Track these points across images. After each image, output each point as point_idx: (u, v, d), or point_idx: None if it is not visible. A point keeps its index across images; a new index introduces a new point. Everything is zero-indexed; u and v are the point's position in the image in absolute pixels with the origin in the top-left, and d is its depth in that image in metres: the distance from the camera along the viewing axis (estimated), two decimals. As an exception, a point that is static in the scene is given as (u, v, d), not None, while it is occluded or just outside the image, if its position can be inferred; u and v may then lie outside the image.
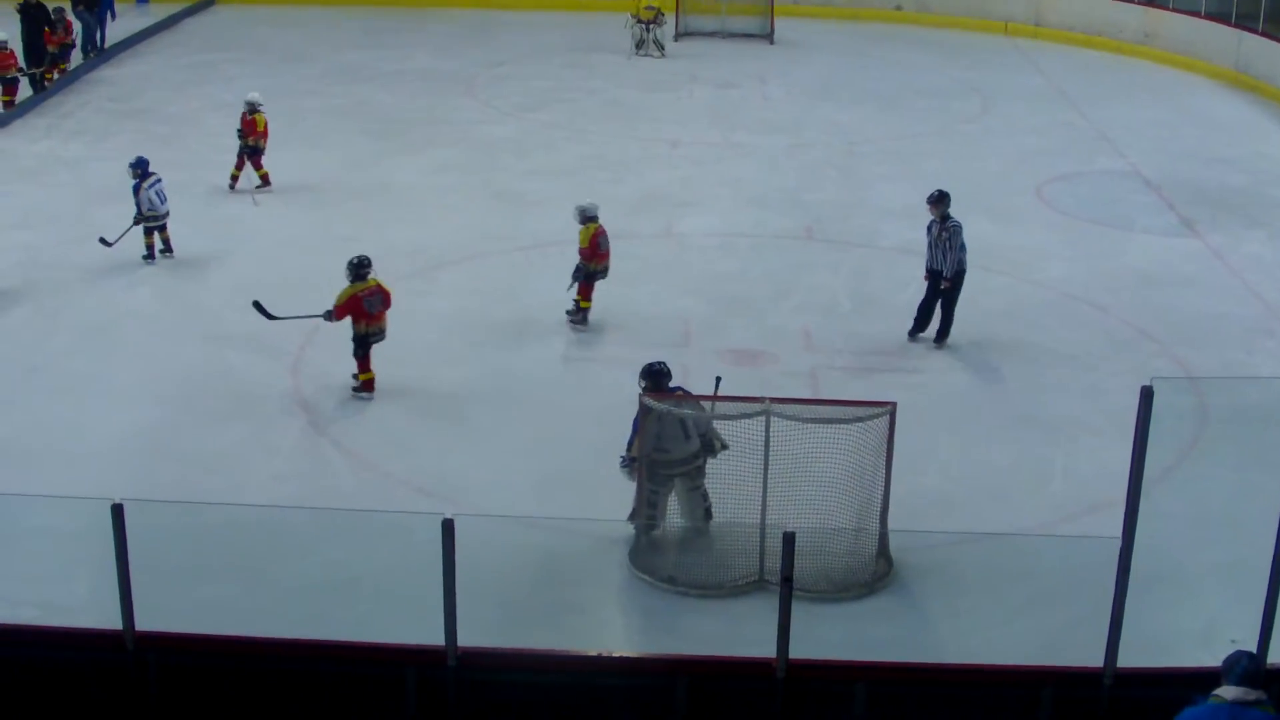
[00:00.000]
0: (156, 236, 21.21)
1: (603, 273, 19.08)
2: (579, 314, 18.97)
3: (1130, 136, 29.55)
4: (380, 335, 17.13)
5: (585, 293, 19.00)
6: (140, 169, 21.07)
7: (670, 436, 13.37)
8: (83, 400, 16.81)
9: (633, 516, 13.62)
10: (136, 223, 21.02)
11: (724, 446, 13.29)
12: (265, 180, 24.72)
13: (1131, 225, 23.91)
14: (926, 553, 13.54)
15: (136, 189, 21.02)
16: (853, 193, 25.40)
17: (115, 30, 35.75)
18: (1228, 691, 9.00)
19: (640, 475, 13.42)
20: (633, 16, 36.82)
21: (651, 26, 36.64)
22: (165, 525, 12.55)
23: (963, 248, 18.44)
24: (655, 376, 13.71)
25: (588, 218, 19.01)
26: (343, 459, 15.58)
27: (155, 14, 39.62)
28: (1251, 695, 8.94)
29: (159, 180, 21.24)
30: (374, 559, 12.92)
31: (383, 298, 17.22)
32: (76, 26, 33.32)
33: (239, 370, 17.64)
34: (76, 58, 33.21)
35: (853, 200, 24.93)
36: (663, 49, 36.57)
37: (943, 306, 18.63)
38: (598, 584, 13.39)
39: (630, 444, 13.58)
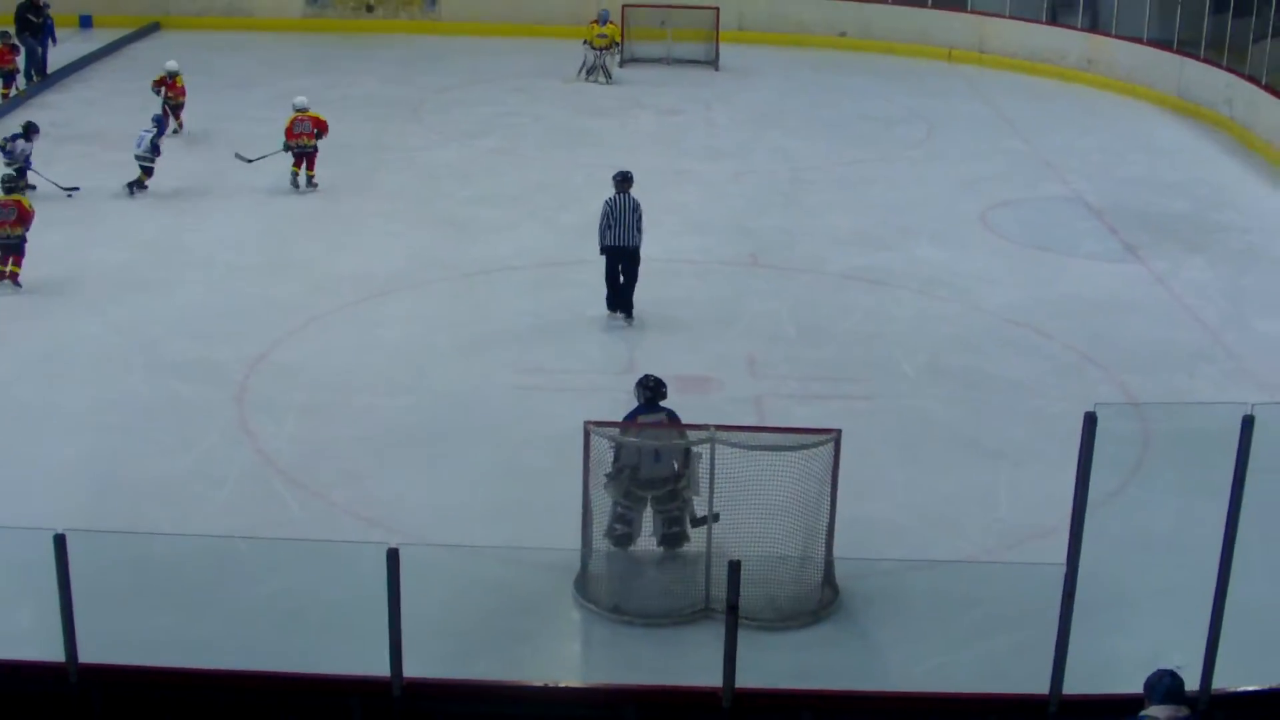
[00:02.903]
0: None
1: None
2: None
3: (1073, 162, 29.74)
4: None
5: None
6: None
7: (642, 457, 13.43)
8: (26, 429, 16.69)
9: (607, 532, 13.57)
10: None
11: (696, 494, 13.30)
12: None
13: (1075, 251, 24.05)
14: (872, 580, 13.57)
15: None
16: (797, 219, 25.47)
17: (58, 55, 35.53)
18: (1159, 711, 9.13)
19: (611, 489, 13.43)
20: (586, 43, 36.93)
21: (602, 54, 36.74)
22: (110, 555, 12.50)
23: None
24: (650, 390, 13.89)
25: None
26: (289, 488, 15.49)
27: (99, 39, 39.45)
28: (1181, 713, 9.08)
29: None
30: (320, 589, 12.88)
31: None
32: (20, 51, 33.14)
33: (184, 399, 17.55)
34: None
35: (797, 227, 24.99)
36: (610, 77, 36.64)
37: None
38: (544, 613, 13.35)
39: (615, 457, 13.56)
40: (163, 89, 30.25)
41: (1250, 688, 11.17)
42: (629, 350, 18.97)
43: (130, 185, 25.64)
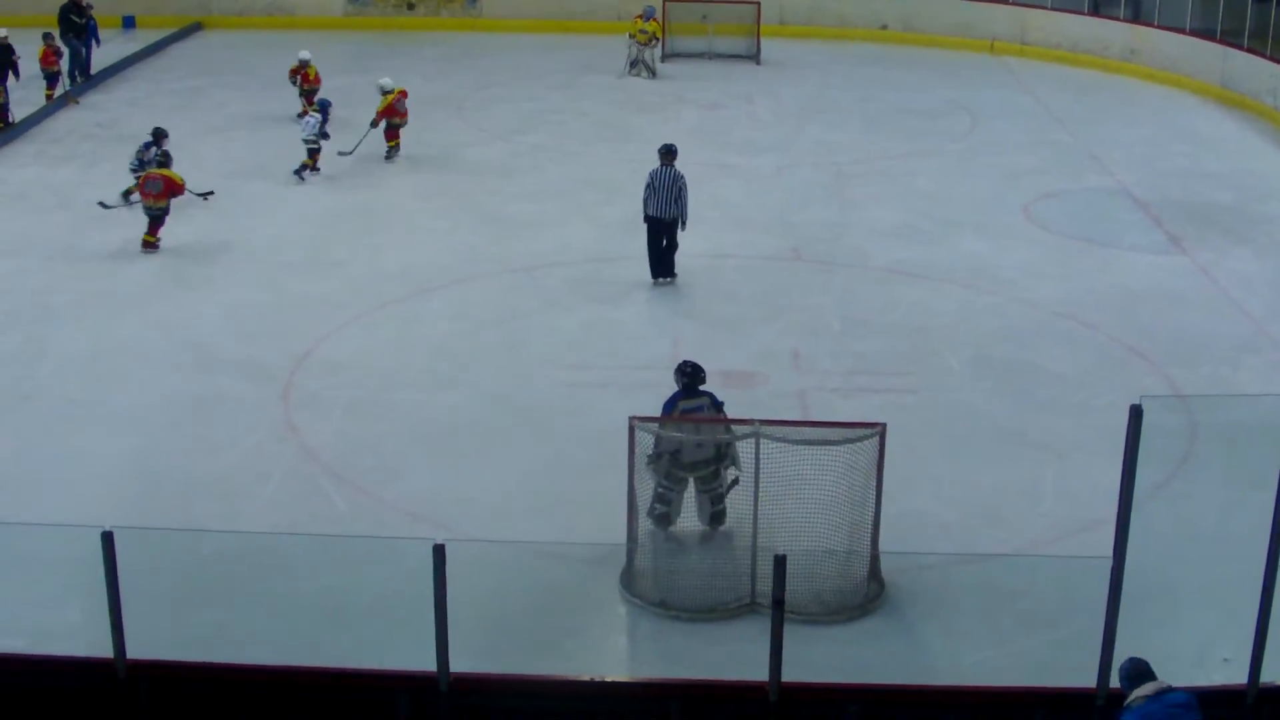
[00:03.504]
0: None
1: None
2: None
3: (1117, 154, 29.61)
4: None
5: None
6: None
7: (683, 442, 13.57)
8: (74, 428, 16.78)
9: (649, 511, 13.66)
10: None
11: (738, 470, 13.45)
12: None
13: (1119, 243, 23.95)
14: (918, 574, 13.55)
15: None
16: (841, 213, 25.43)
17: (101, 56, 35.72)
18: (1147, 688, 9.22)
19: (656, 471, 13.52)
20: (630, 37, 37.07)
21: (645, 49, 36.81)
22: (157, 552, 12.53)
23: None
24: (688, 376, 14.09)
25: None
26: (334, 484, 15.55)
27: (141, 39, 39.66)
28: (1164, 684, 9.21)
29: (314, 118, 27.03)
30: (366, 585, 12.93)
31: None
32: (64, 52, 33.32)
33: (230, 396, 17.63)
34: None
35: (841, 220, 24.96)
36: (654, 72, 36.69)
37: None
38: (590, 608, 13.37)
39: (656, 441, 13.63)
40: (298, 78, 31.32)
41: (1299, 681, 11.12)
42: (673, 345, 18.95)
43: (298, 170, 26.83)
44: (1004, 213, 25.46)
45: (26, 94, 31.65)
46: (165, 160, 23.30)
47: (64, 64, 33.23)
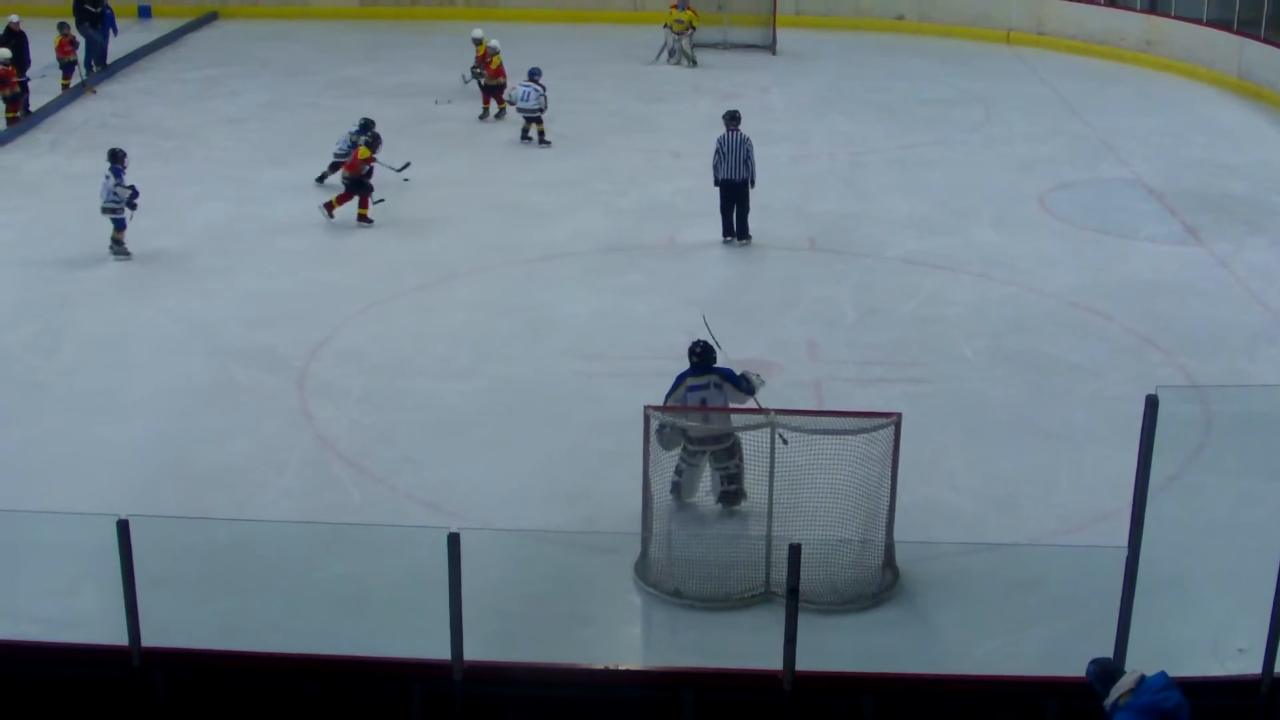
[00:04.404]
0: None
1: None
2: None
3: (1133, 144, 29.56)
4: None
5: None
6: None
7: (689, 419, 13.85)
8: (89, 416, 16.83)
9: (671, 489, 13.87)
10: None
11: (760, 382, 14.25)
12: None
13: (1135, 233, 23.91)
14: (932, 563, 13.55)
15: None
16: (856, 203, 25.41)
17: (118, 45, 35.75)
18: (1126, 681, 9.23)
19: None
20: (666, 26, 37.23)
21: (682, 37, 36.95)
22: (172, 541, 12.60)
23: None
24: (698, 356, 14.46)
25: None
26: (349, 473, 15.58)
27: (158, 29, 39.70)
28: (1136, 674, 9.20)
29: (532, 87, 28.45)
30: (381, 573, 12.96)
31: None
32: (80, 42, 33.35)
33: (245, 385, 17.66)
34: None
35: (856, 210, 24.94)
36: (694, 60, 36.81)
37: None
38: (604, 597, 13.40)
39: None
40: (481, 74, 31.51)
41: (1314, 671, 11.10)
42: (688, 335, 18.88)
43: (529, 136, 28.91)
44: (1019, 203, 25.43)
45: (43, 83, 31.68)
46: (373, 142, 24.33)
47: (80, 54, 33.23)
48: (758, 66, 37.21)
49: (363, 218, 23.64)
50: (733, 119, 22.78)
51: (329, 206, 23.66)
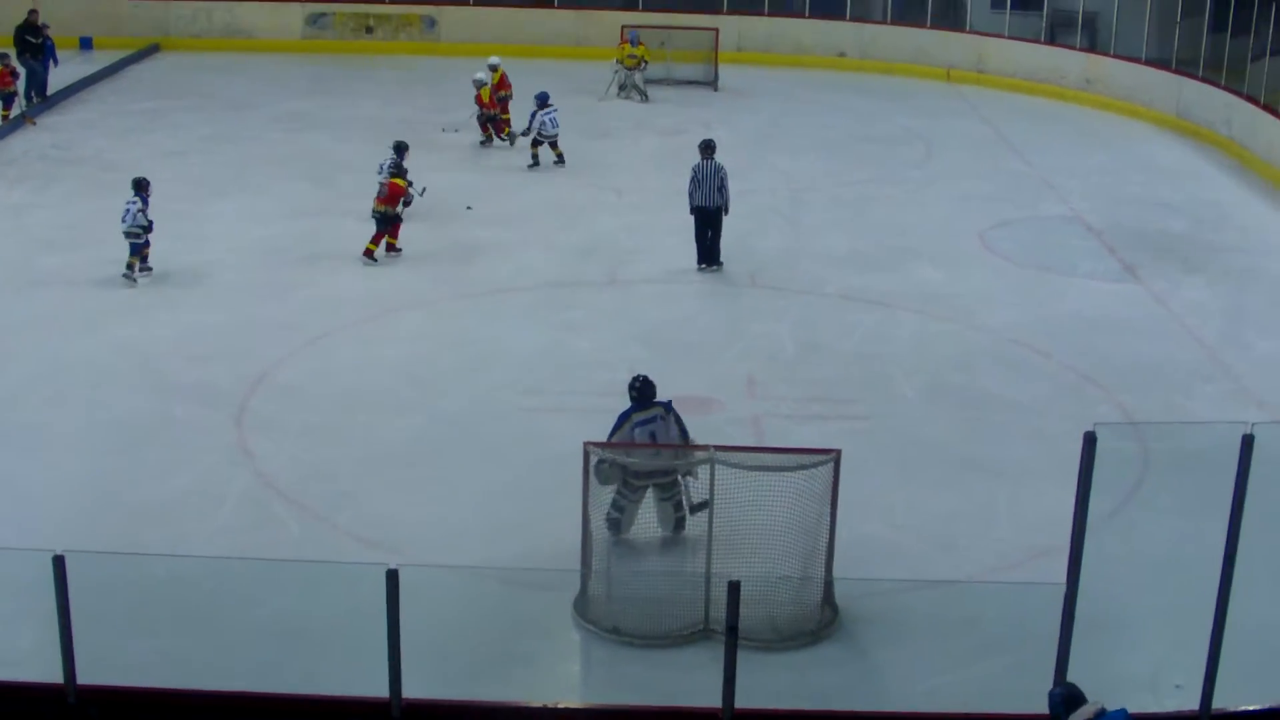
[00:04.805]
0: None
1: None
2: None
3: (1073, 182, 29.78)
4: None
5: None
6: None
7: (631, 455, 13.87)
8: (25, 450, 16.68)
9: (605, 516, 13.82)
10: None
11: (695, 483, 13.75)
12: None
13: (1074, 271, 24.07)
14: (872, 600, 13.56)
15: (532, 115, 29.33)
16: (797, 239, 25.50)
17: (58, 77, 35.55)
18: (1085, 711, 9.27)
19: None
20: (617, 62, 37.47)
21: (634, 72, 37.29)
22: (108, 576, 12.47)
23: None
24: (638, 390, 14.53)
25: None
26: (288, 509, 15.50)
27: (99, 61, 39.51)
28: (1098, 705, 9.23)
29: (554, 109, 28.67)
30: (319, 610, 12.86)
31: None
32: (21, 73, 33.18)
33: (183, 420, 17.55)
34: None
35: (797, 246, 25.02)
36: (645, 95, 37.01)
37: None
38: (543, 634, 13.35)
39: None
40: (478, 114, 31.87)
41: (1251, 707, 11.17)
42: (629, 371, 18.89)
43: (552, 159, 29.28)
44: (959, 240, 25.56)
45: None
46: (398, 170, 24.46)
47: (20, 85, 33.06)
48: (700, 102, 37.32)
49: (392, 247, 23.86)
50: (708, 148, 23.25)
51: (368, 253, 23.58)
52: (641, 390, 14.45)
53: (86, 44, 41.55)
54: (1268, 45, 32.16)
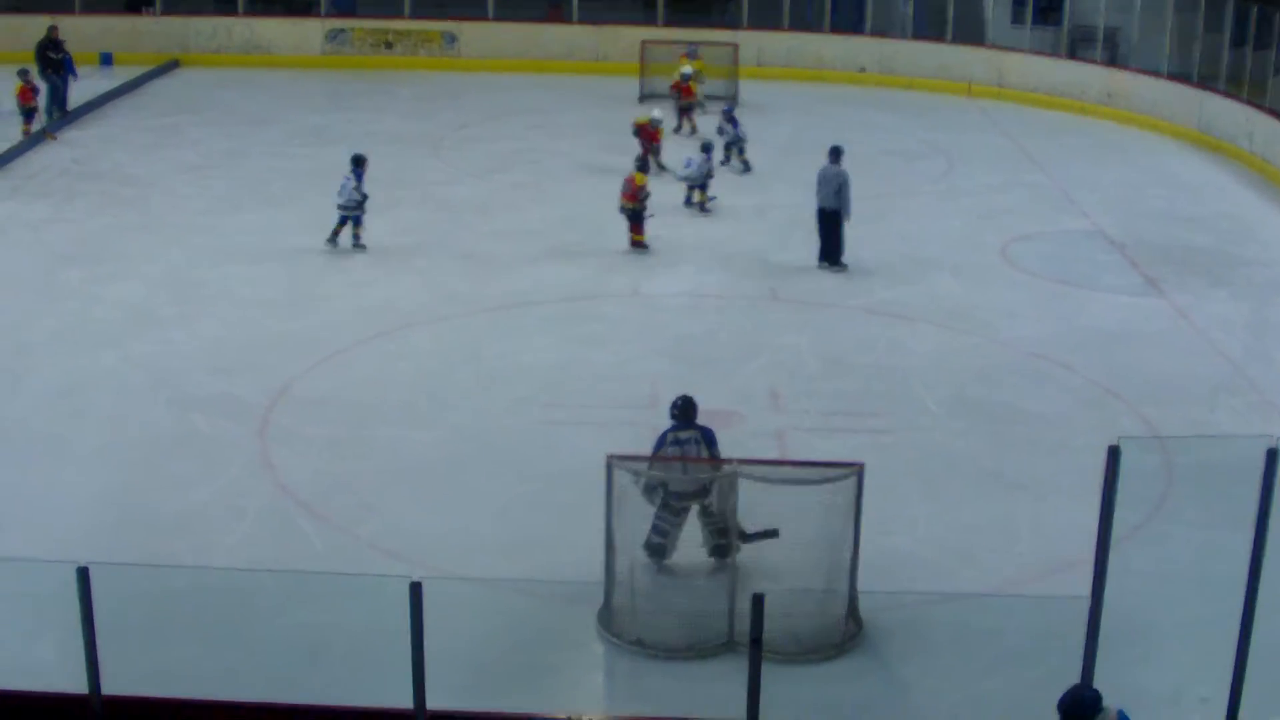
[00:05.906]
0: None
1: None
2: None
3: (1094, 196, 29.74)
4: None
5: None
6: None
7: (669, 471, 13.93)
8: (48, 464, 16.70)
9: (645, 543, 13.82)
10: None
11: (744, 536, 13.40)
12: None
13: (1096, 284, 24.03)
14: (895, 613, 13.54)
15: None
16: (819, 253, 25.42)
17: (79, 92, 35.67)
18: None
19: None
20: (674, 90, 35.90)
21: (694, 110, 35.72)
22: (132, 589, 12.50)
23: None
24: (679, 409, 14.46)
25: None
26: (311, 521, 15.50)
27: (119, 76, 39.63)
28: (1112, 710, 9.19)
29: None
30: (343, 622, 12.86)
31: None
32: (42, 88, 33.29)
33: (206, 433, 17.57)
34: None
35: (819, 260, 24.97)
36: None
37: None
38: (567, 646, 13.33)
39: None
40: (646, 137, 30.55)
41: (1277, 720, 11.14)
42: (651, 384, 18.92)
43: (698, 204, 28.10)
44: (981, 254, 25.54)
45: (4, 130, 31.61)
46: (642, 165, 25.83)
47: (41, 100, 33.17)
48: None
49: (637, 243, 25.08)
50: (834, 152, 24.63)
51: (636, 243, 25.08)
52: (683, 410, 14.42)
53: (107, 60, 41.69)
54: (1289, 59, 32.17)
